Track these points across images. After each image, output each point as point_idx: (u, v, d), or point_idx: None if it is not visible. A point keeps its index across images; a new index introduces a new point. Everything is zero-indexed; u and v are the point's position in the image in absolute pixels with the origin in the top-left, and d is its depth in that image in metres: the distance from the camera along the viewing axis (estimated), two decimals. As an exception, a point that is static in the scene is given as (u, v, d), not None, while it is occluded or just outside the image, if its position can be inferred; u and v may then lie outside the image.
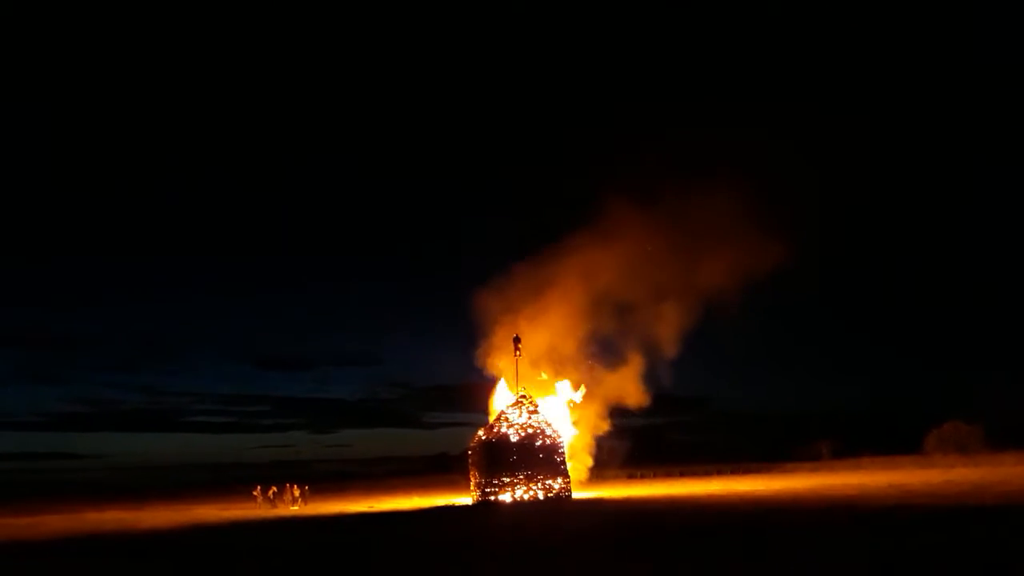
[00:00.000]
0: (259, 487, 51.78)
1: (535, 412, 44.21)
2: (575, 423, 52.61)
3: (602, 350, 56.10)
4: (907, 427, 78.86)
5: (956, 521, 21.63)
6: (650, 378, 56.56)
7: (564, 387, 51.29)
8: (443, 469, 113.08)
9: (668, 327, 55.71)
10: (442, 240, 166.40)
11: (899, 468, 58.75)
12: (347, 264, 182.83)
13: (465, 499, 45.47)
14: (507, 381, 48.72)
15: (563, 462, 43.39)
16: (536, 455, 42.34)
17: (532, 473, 41.98)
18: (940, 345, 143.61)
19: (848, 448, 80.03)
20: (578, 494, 44.31)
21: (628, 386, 54.88)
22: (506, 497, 41.38)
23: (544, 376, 50.79)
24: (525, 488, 41.66)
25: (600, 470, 59.59)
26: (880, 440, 79.95)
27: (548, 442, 42.90)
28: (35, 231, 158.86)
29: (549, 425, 44.06)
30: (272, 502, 49.73)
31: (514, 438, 42.66)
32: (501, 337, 50.68)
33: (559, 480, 42.50)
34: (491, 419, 45.50)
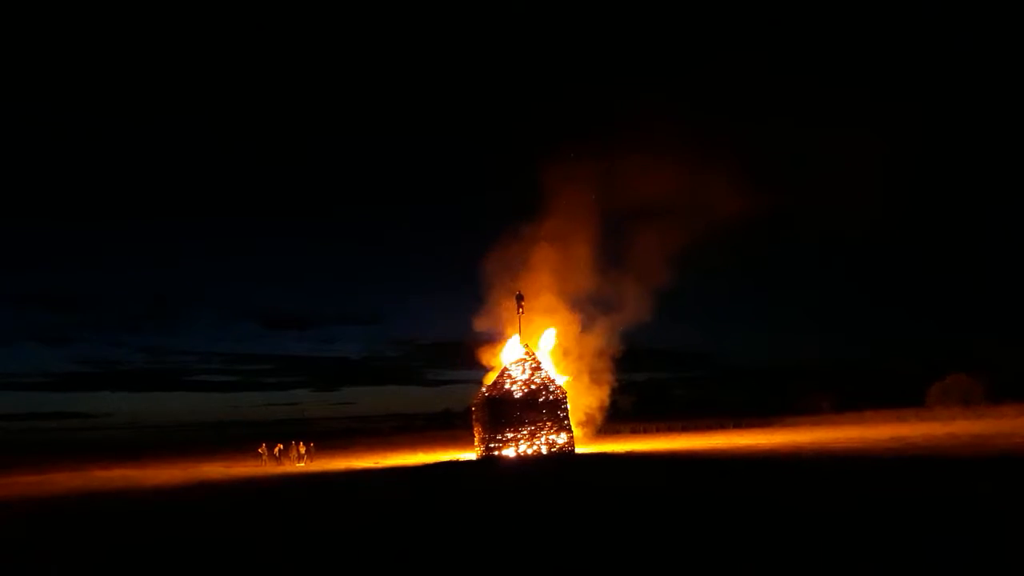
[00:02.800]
0: (264, 444, 52.15)
1: (538, 369, 44.28)
2: (576, 376, 52.91)
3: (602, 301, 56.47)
4: (910, 380, 79.06)
5: (957, 472, 21.62)
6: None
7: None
8: (447, 425, 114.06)
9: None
10: (445, 197, 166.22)
11: (901, 421, 58.95)
12: (350, 222, 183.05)
13: (469, 455, 45.76)
14: (510, 338, 48.75)
15: (566, 417, 43.55)
16: (539, 411, 42.50)
17: (535, 429, 42.17)
18: (943, 298, 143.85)
19: (851, 401, 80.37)
20: (581, 449, 44.55)
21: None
22: (510, 452, 41.61)
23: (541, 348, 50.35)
24: (528, 443, 41.88)
25: (604, 425, 60.03)
26: (883, 393, 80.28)
27: (551, 398, 43.02)
28: (38, 193, 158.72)
29: (552, 381, 44.16)
30: (278, 459, 50.10)
31: (517, 394, 42.78)
32: (504, 294, 50.75)
33: (562, 435, 42.70)
34: (494, 376, 45.57)
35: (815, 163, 58.42)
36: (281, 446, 51.46)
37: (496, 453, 41.69)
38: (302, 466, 46.51)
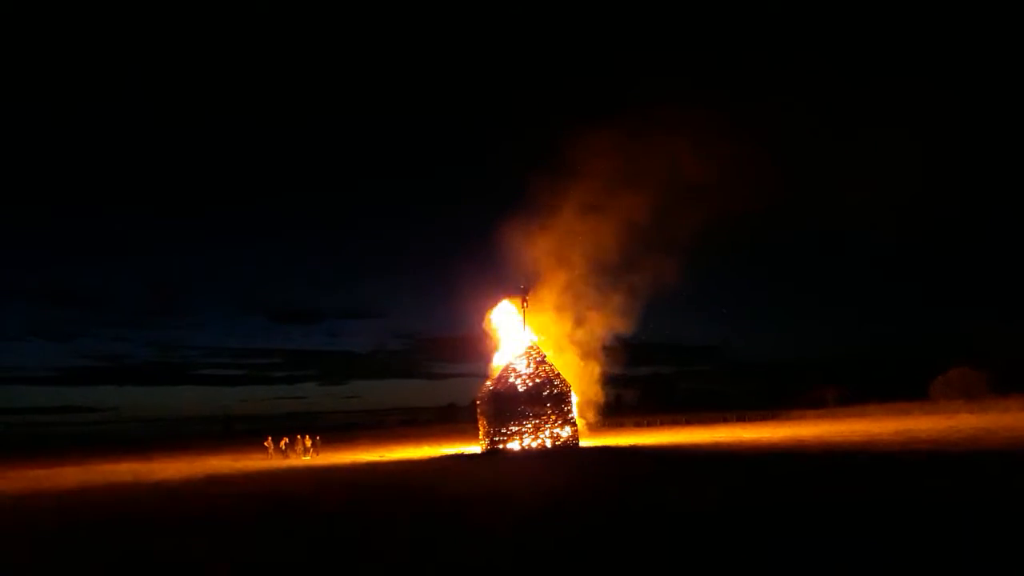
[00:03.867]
0: (270, 438, 52.40)
1: (542, 362, 44.42)
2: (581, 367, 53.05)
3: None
4: (913, 374, 79.10)
5: (961, 465, 21.72)
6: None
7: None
8: (452, 419, 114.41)
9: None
10: (452, 194, 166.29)
11: (905, 414, 59.03)
12: (357, 216, 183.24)
13: (474, 448, 45.97)
14: (514, 332, 48.86)
15: (570, 411, 43.71)
16: (543, 404, 42.65)
17: (540, 422, 42.34)
18: (947, 292, 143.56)
19: (854, 395, 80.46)
20: (585, 442, 44.71)
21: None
22: (514, 445, 41.79)
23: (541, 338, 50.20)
24: (533, 436, 42.06)
25: (600, 418, 60.16)
26: (886, 387, 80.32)
27: (555, 391, 43.16)
28: (44, 188, 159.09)
29: (557, 375, 44.29)
30: (284, 453, 50.32)
31: (521, 388, 42.93)
32: (508, 288, 50.89)
33: (566, 428, 42.86)
34: (499, 370, 45.73)
35: (826, 157, 58.51)
36: (287, 439, 51.72)
37: (500, 446, 41.88)
38: (308, 459, 46.75)
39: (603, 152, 54.96)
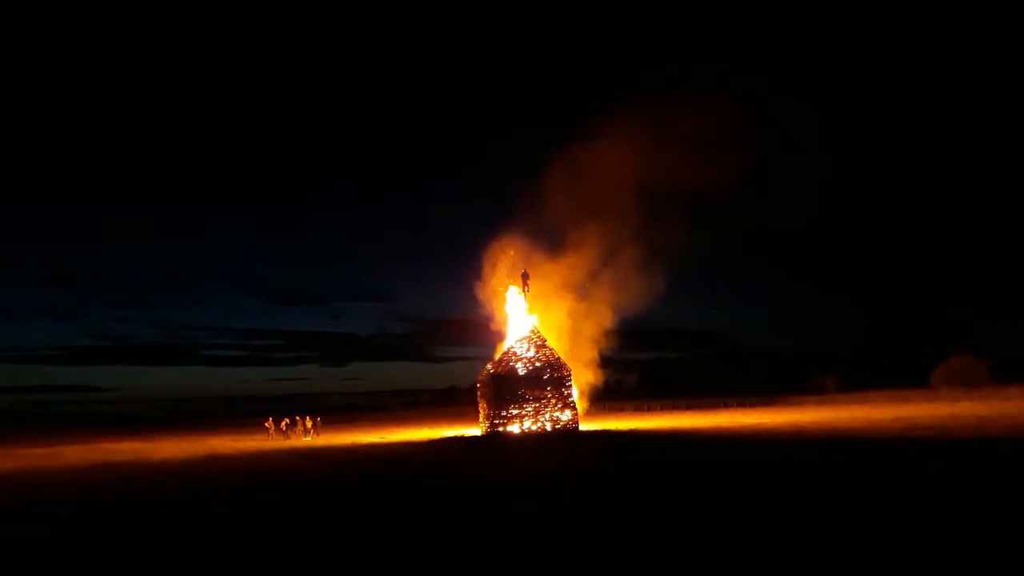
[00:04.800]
0: (272, 419, 52.58)
1: (543, 346, 44.47)
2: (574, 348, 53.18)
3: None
4: (914, 362, 79.10)
5: (960, 453, 21.75)
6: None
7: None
8: (453, 401, 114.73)
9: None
10: (453, 176, 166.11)
11: (906, 402, 58.99)
12: (359, 200, 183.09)
13: (474, 430, 46.09)
14: (515, 315, 48.87)
15: (570, 395, 43.81)
16: (544, 388, 42.76)
17: (540, 405, 42.46)
18: (948, 281, 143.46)
19: (855, 382, 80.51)
20: (585, 426, 44.83)
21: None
22: (514, 428, 41.92)
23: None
24: (533, 420, 42.18)
25: (607, 402, 60.40)
26: (887, 374, 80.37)
27: (555, 375, 43.25)
28: (51, 170, 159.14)
29: (557, 359, 44.36)
30: (285, 433, 50.51)
31: (522, 371, 43.02)
32: (510, 272, 50.85)
33: (566, 412, 42.97)
34: (499, 353, 45.80)
35: (829, 148, 58.51)
36: (288, 420, 51.90)
37: (501, 429, 42.01)
38: (309, 440, 46.92)
39: (600, 148, 55.00)
